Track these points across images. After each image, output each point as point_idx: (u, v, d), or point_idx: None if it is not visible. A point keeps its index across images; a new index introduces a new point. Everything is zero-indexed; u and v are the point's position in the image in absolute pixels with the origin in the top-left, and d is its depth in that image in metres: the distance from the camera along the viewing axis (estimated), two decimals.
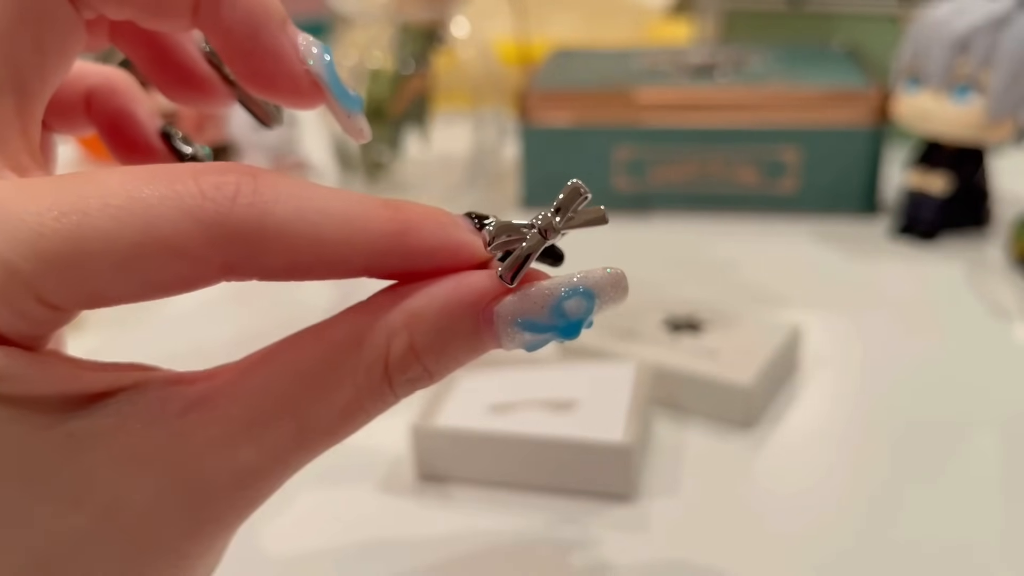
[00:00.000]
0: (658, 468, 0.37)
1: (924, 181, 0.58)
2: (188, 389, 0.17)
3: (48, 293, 0.15)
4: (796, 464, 0.37)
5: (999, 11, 0.53)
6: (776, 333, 0.42)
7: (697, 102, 0.62)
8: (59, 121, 0.22)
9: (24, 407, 0.15)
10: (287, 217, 0.16)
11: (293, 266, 0.16)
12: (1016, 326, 0.48)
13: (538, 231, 0.17)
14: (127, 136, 0.22)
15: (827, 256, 0.57)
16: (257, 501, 0.17)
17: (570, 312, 0.17)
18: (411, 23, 0.63)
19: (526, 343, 0.18)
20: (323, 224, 0.16)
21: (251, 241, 0.16)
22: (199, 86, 0.22)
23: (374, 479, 0.36)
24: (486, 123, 0.66)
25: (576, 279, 0.18)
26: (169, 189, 0.15)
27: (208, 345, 0.47)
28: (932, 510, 0.34)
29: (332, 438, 0.17)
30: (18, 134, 0.18)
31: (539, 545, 0.33)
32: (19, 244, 0.14)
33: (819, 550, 0.32)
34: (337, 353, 0.17)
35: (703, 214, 0.63)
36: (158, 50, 0.21)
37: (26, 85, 0.18)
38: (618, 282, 0.18)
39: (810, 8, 0.76)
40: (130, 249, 0.15)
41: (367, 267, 0.17)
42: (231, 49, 0.19)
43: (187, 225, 0.15)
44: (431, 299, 0.17)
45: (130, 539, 0.16)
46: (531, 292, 0.17)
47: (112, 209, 0.15)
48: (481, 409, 0.37)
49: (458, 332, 0.17)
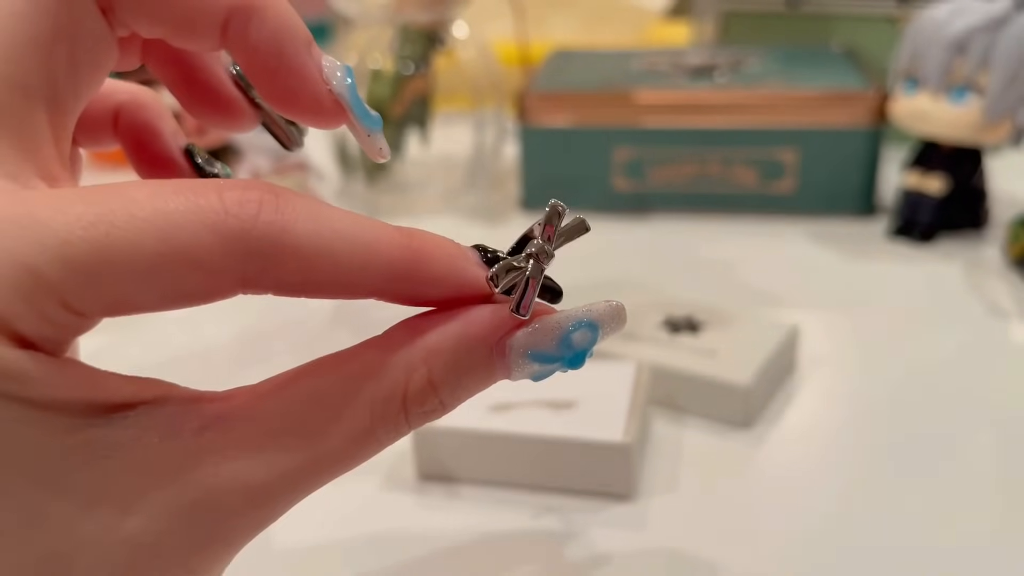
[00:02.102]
0: (657, 467, 0.37)
1: (921, 182, 0.58)
2: (206, 408, 0.17)
3: (73, 299, 0.15)
4: (794, 463, 0.37)
5: (997, 12, 0.53)
6: (774, 333, 0.42)
7: (696, 103, 0.62)
8: (86, 135, 0.23)
9: (44, 410, 0.15)
10: (306, 236, 0.16)
11: (307, 283, 0.17)
12: (1013, 326, 0.48)
13: (534, 259, 0.19)
14: (151, 153, 0.23)
15: (825, 256, 0.57)
16: (266, 522, 0.18)
17: (576, 343, 0.19)
18: (412, 24, 0.64)
19: (534, 373, 0.19)
20: (339, 246, 0.17)
21: (269, 257, 0.16)
22: (225, 107, 0.22)
23: (375, 478, 0.36)
24: (486, 124, 0.66)
25: (582, 313, 0.19)
26: (193, 203, 0.16)
27: (208, 345, 0.47)
28: (929, 510, 0.34)
29: (344, 465, 0.18)
30: (50, 145, 0.18)
31: (539, 544, 0.33)
32: (47, 251, 0.15)
33: (817, 549, 0.33)
34: (355, 383, 0.18)
35: (702, 215, 0.63)
36: (187, 70, 0.22)
37: (60, 98, 0.18)
38: (618, 314, 0.19)
39: (808, 9, 0.76)
40: (153, 259, 0.15)
41: (377, 290, 0.18)
42: (257, 68, 0.20)
43: (209, 239, 0.16)
44: (447, 335, 0.18)
45: (138, 549, 0.16)
46: (541, 326, 0.19)
47: (138, 221, 0.15)
48: (481, 408, 0.37)
49: (473, 366, 0.18)
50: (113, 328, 0.26)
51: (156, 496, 0.16)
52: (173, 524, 0.17)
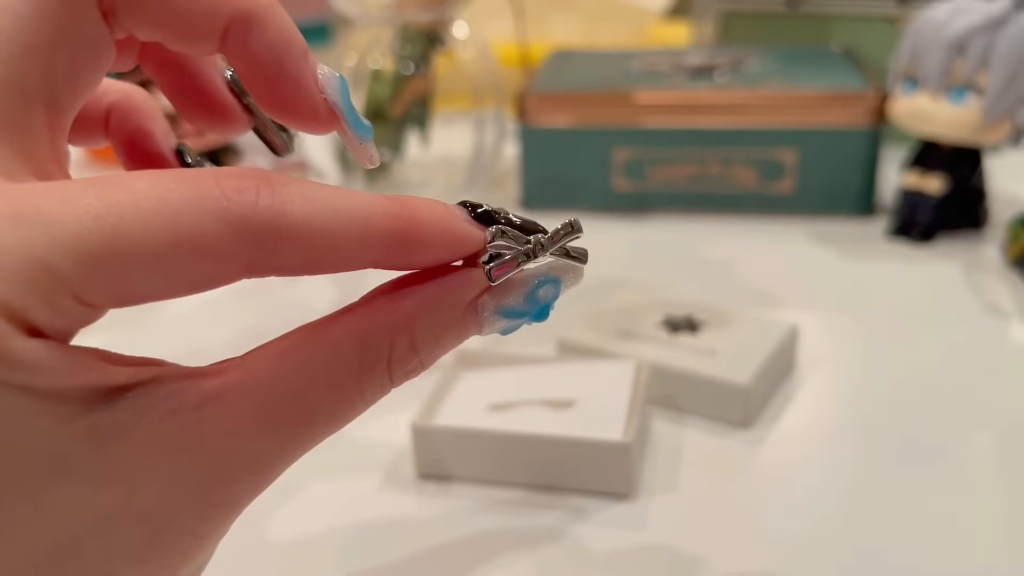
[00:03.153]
0: (656, 467, 0.37)
1: (921, 182, 0.58)
2: (201, 384, 0.18)
3: (85, 292, 0.16)
4: (793, 463, 0.37)
5: (996, 12, 0.53)
6: (774, 333, 0.42)
7: (696, 103, 0.62)
8: (77, 133, 0.23)
9: (51, 399, 0.16)
10: (303, 216, 0.17)
11: (309, 263, 0.18)
12: (1012, 326, 0.48)
13: (532, 247, 0.20)
14: (142, 151, 0.23)
15: (824, 256, 0.57)
16: (267, 483, 0.19)
17: (540, 298, 0.20)
18: (412, 24, 0.64)
19: (503, 328, 0.20)
20: (336, 222, 0.17)
21: (272, 240, 0.17)
22: (219, 112, 0.23)
23: (375, 477, 0.36)
24: (486, 124, 0.66)
25: (544, 268, 0.20)
26: (194, 192, 0.16)
27: (209, 344, 0.47)
28: (929, 509, 0.34)
29: (336, 424, 0.19)
30: (46, 144, 0.18)
31: (538, 543, 0.33)
32: (59, 245, 0.15)
33: (816, 549, 0.33)
34: (343, 350, 0.18)
35: (701, 215, 0.63)
36: (183, 74, 0.22)
37: (58, 100, 0.18)
38: (576, 268, 0.21)
39: (808, 10, 0.76)
40: (162, 249, 0.16)
41: (375, 259, 0.18)
42: (254, 75, 0.20)
43: (215, 226, 0.16)
44: (425, 299, 0.19)
45: (149, 522, 0.17)
46: (508, 284, 0.20)
47: (144, 212, 0.16)
48: (481, 408, 0.37)
49: (449, 326, 0.19)
50: (111, 328, 0.26)
51: (162, 473, 0.17)
52: (181, 497, 0.17)
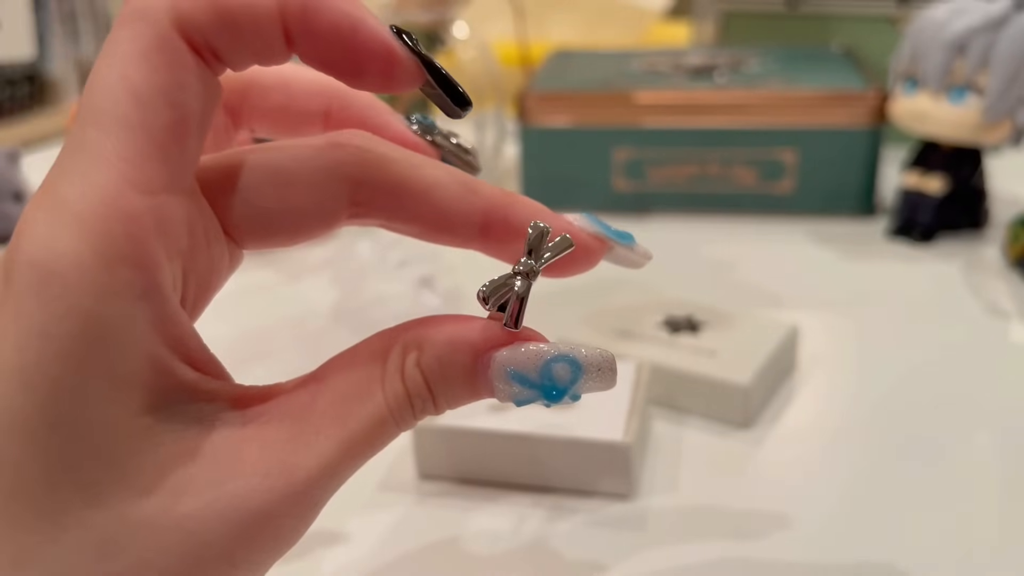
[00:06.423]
0: (657, 467, 0.37)
1: (921, 182, 0.58)
2: (247, 403, 0.19)
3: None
4: (794, 463, 0.37)
5: (996, 12, 0.53)
6: (774, 333, 0.42)
7: (696, 103, 0.62)
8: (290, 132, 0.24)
9: (124, 387, 0.17)
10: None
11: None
12: (1013, 326, 0.48)
13: (523, 277, 0.19)
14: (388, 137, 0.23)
15: (825, 257, 0.57)
16: (307, 515, 0.19)
17: (556, 376, 0.19)
18: (412, 24, 0.64)
19: (515, 396, 0.19)
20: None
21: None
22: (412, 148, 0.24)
23: (375, 477, 0.37)
24: (486, 124, 0.66)
25: (568, 348, 0.19)
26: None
27: (209, 344, 0.47)
28: (929, 509, 0.34)
29: (372, 448, 0.19)
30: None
31: (538, 544, 0.33)
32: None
33: (816, 549, 0.33)
34: (364, 368, 0.19)
35: (702, 215, 0.63)
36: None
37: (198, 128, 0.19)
38: (606, 363, 0.19)
39: (808, 10, 0.76)
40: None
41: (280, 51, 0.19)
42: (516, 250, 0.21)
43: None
44: (438, 331, 0.19)
45: (188, 536, 0.17)
46: (525, 348, 0.19)
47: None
48: (480, 408, 0.37)
49: (458, 365, 0.19)
50: None
51: (203, 484, 0.17)
52: (219, 512, 0.17)
